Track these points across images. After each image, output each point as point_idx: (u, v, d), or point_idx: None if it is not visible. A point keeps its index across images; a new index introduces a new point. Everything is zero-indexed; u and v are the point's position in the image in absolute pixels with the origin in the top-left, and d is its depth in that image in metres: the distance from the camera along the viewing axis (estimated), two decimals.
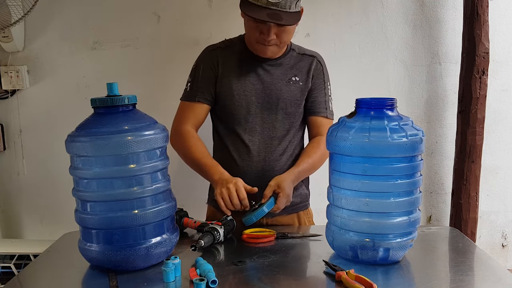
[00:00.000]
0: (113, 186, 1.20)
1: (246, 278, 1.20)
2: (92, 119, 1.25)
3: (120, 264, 1.22)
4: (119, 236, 1.21)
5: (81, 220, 1.25)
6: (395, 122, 1.21)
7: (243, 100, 1.62)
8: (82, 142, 1.19)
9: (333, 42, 2.30)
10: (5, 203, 2.44)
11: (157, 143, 1.23)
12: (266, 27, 1.51)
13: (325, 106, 1.69)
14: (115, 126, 1.20)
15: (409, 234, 1.26)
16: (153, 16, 2.28)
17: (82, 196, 1.24)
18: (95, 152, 1.18)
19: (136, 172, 1.20)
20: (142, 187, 1.21)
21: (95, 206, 1.22)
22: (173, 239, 1.30)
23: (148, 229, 1.23)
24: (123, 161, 1.19)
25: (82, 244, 1.26)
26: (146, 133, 1.21)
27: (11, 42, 2.21)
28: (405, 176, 1.22)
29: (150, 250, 1.23)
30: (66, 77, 2.33)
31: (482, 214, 2.39)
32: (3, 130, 2.36)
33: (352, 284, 1.12)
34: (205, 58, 1.67)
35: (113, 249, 1.21)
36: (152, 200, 1.24)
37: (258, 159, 1.63)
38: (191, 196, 1.87)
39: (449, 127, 2.36)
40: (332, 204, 1.32)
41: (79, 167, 1.22)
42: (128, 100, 1.23)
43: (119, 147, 1.17)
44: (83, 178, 1.22)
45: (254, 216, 1.45)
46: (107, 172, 1.19)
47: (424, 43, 2.31)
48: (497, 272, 1.27)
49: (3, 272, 2.25)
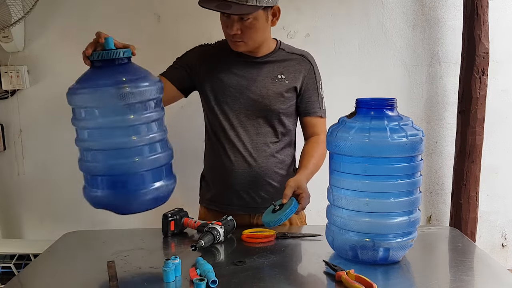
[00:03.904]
0: (111, 135, 1.27)
1: (246, 278, 1.20)
2: (90, 72, 1.31)
3: (121, 207, 1.31)
4: (119, 182, 1.29)
5: (85, 168, 1.32)
6: (395, 122, 1.21)
7: (228, 96, 1.63)
8: (81, 94, 1.26)
9: (333, 42, 2.30)
10: (5, 203, 2.44)
11: (152, 94, 1.29)
12: (229, 21, 1.54)
13: (319, 106, 1.70)
14: (112, 77, 1.26)
15: (409, 234, 1.26)
16: (153, 16, 2.28)
17: (83, 145, 1.31)
18: (93, 103, 1.25)
19: (133, 121, 1.26)
20: (139, 136, 1.27)
21: (96, 154, 1.29)
22: (170, 186, 1.37)
23: (146, 175, 1.29)
24: (120, 111, 1.24)
25: (87, 190, 1.33)
26: (141, 84, 1.27)
27: (11, 42, 2.21)
28: (405, 176, 1.23)
29: (148, 195, 1.30)
30: (66, 77, 2.28)
31: (482, 214, 2.39)
32: (3, 130, 2.36)
33: (352, 284, 1.12)
34: (194, 50, 1.72)
35: (115, 194, 1.29)
36: (149, 148, 1.29)
37: (243, 155, 1.63)
38: (191, 196, 1.87)
39: (449, 127, 2.36)
40: (332, 204, 1.32)
41: (79, 117, 1.29)
42: (124, 53, 1.29)
43: (116, 98, 1.23)
44: (83, 128, 1.29)
45: (284, 216, 1.41)
46: (105, 122, 1.26)
47: (424, 43, 2.31)
48: (497, 272, 1.27)
49: (3, 272, 2.25)
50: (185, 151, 2.22)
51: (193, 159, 1.93)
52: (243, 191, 1.64)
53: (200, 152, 1.80)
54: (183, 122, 2.24)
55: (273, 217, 1.42)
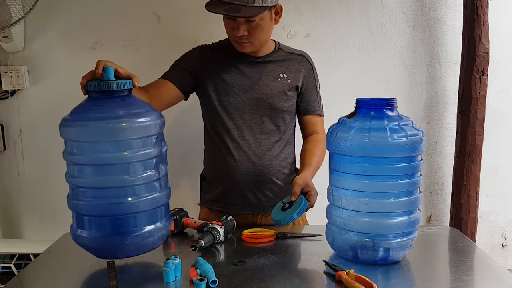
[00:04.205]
0: (105, 173, 1.16)
1: (246, 278, 1.20)
2: (86, 104, 1.21)
3: (111, 251, 1.20)
4: (111, 224, 1.18)
5: (73, 206, 1.21)
6: (395, 122, 1.21)
7: (231, 96, 1.63)
8: (74, 126, 1.16)
9: (333, 42, 2.30)
10: (5, 203, 2.44)
11: (151, 130, 1.18)
12: (235, 24, 1.53)
13: (318, 105, 1.73)
14: (109, 111, 1.16)
15: (409, 234, 1.26)
16: (153, 16, 2.28)
17: (74, 181, 1.20)
18: (87, 137, 1.15)
19: (129, 159, 1.16)
20: (135, 174, 1.17)
21: (87, 192, 1.18)
22: (166, 227, 1.26)
23: (140, 217, 1.19)
24: (116, 147, 1.15)
25: (75, 231, 1.23)
26: (140, 120, 1.16)
27: (11, 42, 2.21)
28: (405, 176, 1.23)
29: (142, 239, 1.19)
30: (66, 77, 2.33)
31: (482, 214, 2.39)
32: (3, 130, 2.36)
33: (352, 284, 1.12)
34: (193, 51, 1.71)
35: (106, 237, 1.18)
36: (146, 188, 1.19)
37: (248, 154, 1.63)
38: (191, 196, 1.87)
39: (449, 127, 2.36)
40: (332, 204, 1.32)
41: (72, 152, 1.19)
42: (118, 85, 1.19)
43: (112, 133, 1.13)
44: (75, 164, 1.19)
45: (296, 214, 1.41)
46: (99, 158, 1.15)
47: (424, 43, 2.31)
48: (497, 272, 1.27)
49: (3, 272, 2.25)
50: (185, 151, 2.23)
51: (192, 159, 1.93)
52: (248, 190, 1.65)
53: (199, 152, 1.80)
54: (183, 122, 2.24)
55: (285, 215, 1.42)
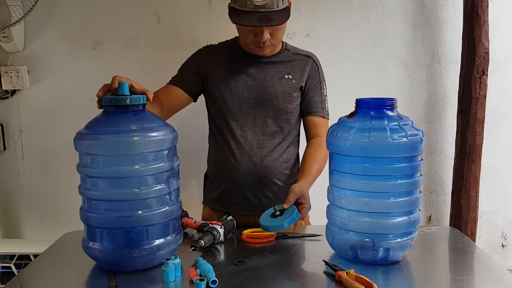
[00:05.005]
0: (118, 186, 1.20)
1: (246, 278, 1.20)
2: (101, 117, 1.25)
3: (122, 264, 1.21)
4: (122, 236, 1.21)
5: (86, 218, 1.24)
6: (395, 122, 1.21)
7: (235, 96, 1.63)
8: (88, 140, 1.20)
9: (333, 42, 2.30)
10: (5, 203, 2.44)
11: (163, 145, 1.22)
12: (259, 30, 1.52)
13: (322, 106, 1.70)
14: (122, 125, 1.19)
15: (409, 234, 1.26)
16: (153, 16, 2.28)
17: (88, 194, 1.23)
18: (100, 150, 1.18)
19: (142, 173, 1.19)
20: (147, 188, 1.20)
21: (100, 204, 1.21)
22: (176, 241, 1.29)
23: (152, 230, 1.22)
24: (129, 161, 1.18)
25: (86, 242, 1.26)
26: (153, 134, 1.20)
27: (11, 42, 2.21)
28: (405, 176, 1.22)
29: (153, 252, 1.22)
30: (66, 77, 2.33)
31: (482, 214, 2.39)
32: (3, 130, 2.36)
33: (352, 284, 1.12)
34: (199, 52, 1.71)
35: (116, 249, 1.20)
36: (157, 201, 1.23)
37: (250, 155, 1.63)
38: (191, 196, 1.88)
39: (449, 127, 2.36)
40: (332, 204, 1.32)
41: (85, 165, 1.22)
42: (131, 100, 1.22)
43: (126, 147, 1.17)
44: (89, 176, 1.22)
45: (286, 223, 1.39)
46: (112, 171, 1.19)
47: (424, 43, 2.32)
48: (497, 272, 1.27)
49: (3, 272, 2.25)
50: (189, 151, 2.22)
51: (196, 159, 1.93)
52: (249, 191, 1.65)
53: (203, 152, 1.80)
54: (187, 122, 2.23)
55: (275, 222, 1.41)
